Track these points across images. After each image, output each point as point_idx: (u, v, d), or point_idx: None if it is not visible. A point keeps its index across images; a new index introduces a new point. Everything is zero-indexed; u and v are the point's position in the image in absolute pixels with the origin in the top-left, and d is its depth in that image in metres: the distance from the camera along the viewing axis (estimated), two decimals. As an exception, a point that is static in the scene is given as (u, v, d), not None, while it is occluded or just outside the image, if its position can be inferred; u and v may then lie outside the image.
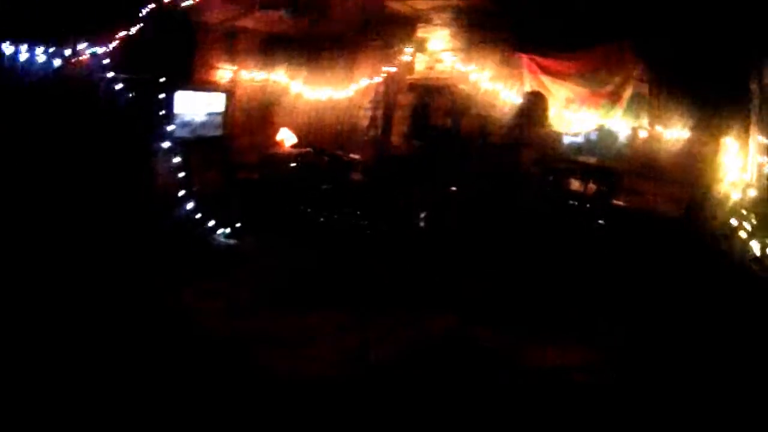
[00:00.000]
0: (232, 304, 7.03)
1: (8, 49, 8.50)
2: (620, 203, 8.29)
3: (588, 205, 8.12)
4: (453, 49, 10.92)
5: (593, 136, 9.74)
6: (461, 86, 10.66)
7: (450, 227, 8.58)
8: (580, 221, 7.89)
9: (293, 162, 10.88)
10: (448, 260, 8.07)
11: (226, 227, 9.53)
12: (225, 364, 5.68)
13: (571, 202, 8.18)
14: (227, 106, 11.19)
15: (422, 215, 9.14)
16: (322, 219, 9.99)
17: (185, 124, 10.39)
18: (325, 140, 11.96)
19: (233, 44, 11.59)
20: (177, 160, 9.52)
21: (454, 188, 9.01)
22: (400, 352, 6.04)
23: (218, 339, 6.16)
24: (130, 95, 9.44)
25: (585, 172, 8.62)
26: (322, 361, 5.79)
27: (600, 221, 7.84)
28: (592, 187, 8.36)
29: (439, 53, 11.12)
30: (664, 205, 8.28)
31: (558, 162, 8.75)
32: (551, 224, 7.59)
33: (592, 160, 9.40)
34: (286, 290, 7.51)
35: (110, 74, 9.29)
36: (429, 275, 7.81)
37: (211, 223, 9.43)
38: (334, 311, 6.88)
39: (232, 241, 9.44)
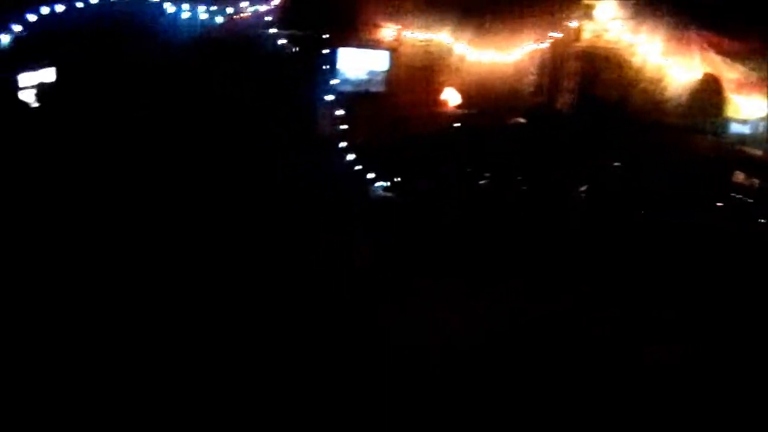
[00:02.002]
0: (379, 260, 7.38)
1: (170, 8, 9.14)
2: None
3: (751, 201, 7.74)
4: (621, 18, 10.64)
5: (761, 127, 9.27)
6: (630, 58, 10.41)
7: (609, 203, 8.49)
8: (742, 216, 7.53)
9: (457, 122, 11.05)
10: (602, 235, 8.00)
11: (385, 180, 9.86)
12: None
13: (733, 194, 7.82)
14: (391, 65, 11.47)
15: (583, 188, 9.10)
16: (481, 181, 10.11)
17: (349, 80, 10.82)
18: (489, 103, 12.01)
19: (396, 3, 11.84)
20: (340, 112, 9.98)
21: (617, 164, 8.87)
22: (525, 325, 6.15)
23: (359, 293, 6.55)
24: (294, 50, 9.98)
25: (750, 164, 8.22)
26: (450, 328, 5.99)
27: (762, 220, 7.44)
28: (755, 181, 7.97)
29: (606, 22, 10.87)
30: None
31: (724, 151, 8.40)
32: (713, 212, 7.36)
33: (758, 152, 8.97)
34: (431, 251, 7.65)
35: (272, 30, 9.87)
36: (581, 248, 7.77)
37: (371, 175, 9.79)
38: (473, 280, 6.97)
39: (389, 194, 9.78)
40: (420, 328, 5.93)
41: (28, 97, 8.71)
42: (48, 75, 8.85)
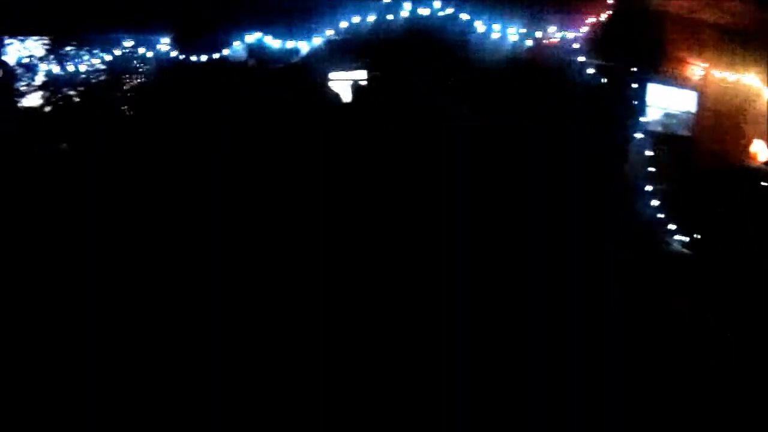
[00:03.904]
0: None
1: (480, 26, 8.88)
2: None
3: None
4: None
5: None
6: None
7: None
8: None
9: (763, 180, 9.91)
10: None
11: (684, 235, 9.04)
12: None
13: None
14: (697, 107, 10.50)
15: None
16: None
17: (655, 119, 10.01)
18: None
19: (700, 38, 10.86)
20: (648, 153, 9.25)
21: None
22: None
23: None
24: (603, 81, 9.35)
25: None
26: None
27: None
28: None
29: None
30: None
31: None
32: None
33: None
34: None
35: (581, 58, 9.29)
36: None
37: (671, 226, 9.01)
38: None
39: (686, 251, 8.99)
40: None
41: (340, 92, 9.39)
42: (359, 75, 9.52)
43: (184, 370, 5.25)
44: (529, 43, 9.11)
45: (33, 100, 9.34)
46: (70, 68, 9.22)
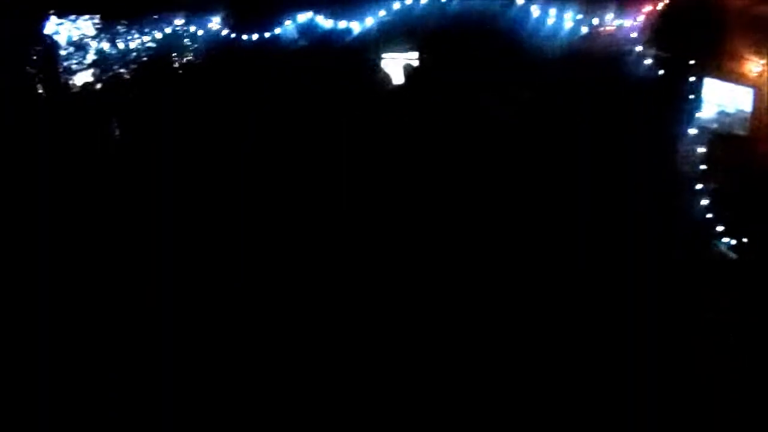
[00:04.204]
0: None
1: (536, 11, 8.82)
2: None
3: None
4: None
5: None
6: None
7: None
8: None
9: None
10: None
11: (731, 237, 8.75)
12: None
13: None
14: (754, 105, 10.14)
15: None
16: None
17: (710, 115, 9.70)
18: None
19: (759, 34, 10.48)
20: (701, 150, 9.03)
21: None
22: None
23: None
24: (659, 72, 9.16)
25: None
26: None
27: None
28: None
29: None
30: None
31: None
32: None
33: None
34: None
35: (638, 48, 9.17)
36: None
37: (719, 228, 8.75)
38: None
39: (732, 255, 8.71)
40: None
41: (393, 73, 9.38)
42: (411, 56, 9.46)
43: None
44: (585, 30, 8.96)
45: (82, 78, 9.41)
46: (120, 46, 9.29)
